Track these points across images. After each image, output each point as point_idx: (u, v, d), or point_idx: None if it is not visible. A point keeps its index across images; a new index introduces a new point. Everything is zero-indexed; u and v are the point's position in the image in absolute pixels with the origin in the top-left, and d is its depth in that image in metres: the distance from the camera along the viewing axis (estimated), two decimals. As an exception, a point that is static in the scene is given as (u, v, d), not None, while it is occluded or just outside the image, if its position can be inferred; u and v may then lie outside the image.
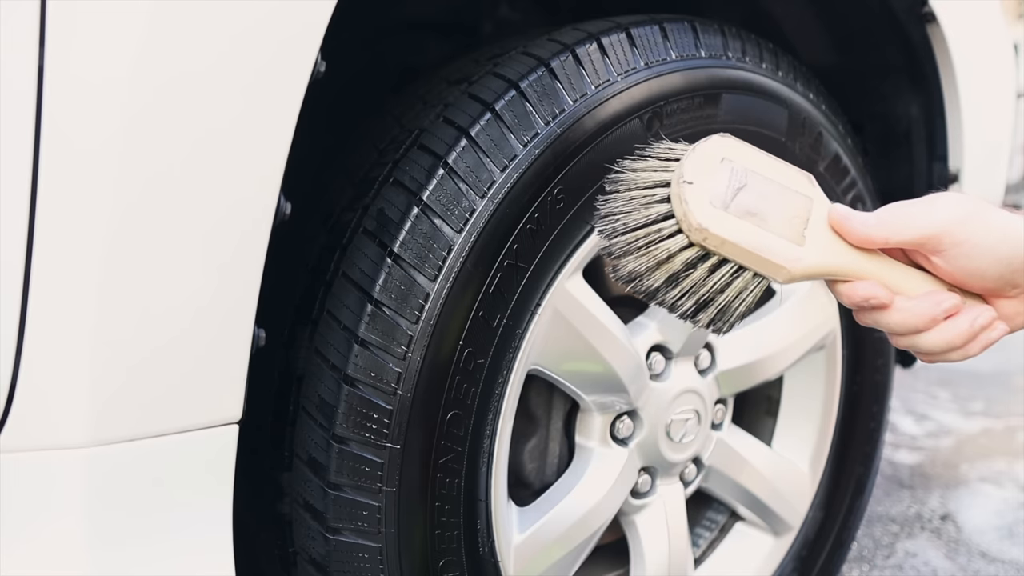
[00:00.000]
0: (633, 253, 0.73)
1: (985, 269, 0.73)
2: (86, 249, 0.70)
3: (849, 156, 1.25)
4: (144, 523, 0.78)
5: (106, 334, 0.72)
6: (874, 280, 0.74)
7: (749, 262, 0.73)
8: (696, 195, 0.71)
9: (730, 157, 0.74)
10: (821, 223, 0.75)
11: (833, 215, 0.75)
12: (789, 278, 0.74)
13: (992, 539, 1.89)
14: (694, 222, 0.71)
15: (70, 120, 0.68)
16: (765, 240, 0.72)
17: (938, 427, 2.55)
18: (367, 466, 0.90)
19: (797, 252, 0.73)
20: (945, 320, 0.74)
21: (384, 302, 0.89)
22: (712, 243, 0.72)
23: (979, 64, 1.45)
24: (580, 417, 1.13)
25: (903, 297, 0.74)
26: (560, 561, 1.08)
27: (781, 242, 0.73)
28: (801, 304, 1.27)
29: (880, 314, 0.75)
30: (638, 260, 0.73)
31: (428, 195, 0.91)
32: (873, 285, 0.74)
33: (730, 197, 0.72)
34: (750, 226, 0.72)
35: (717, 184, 0.72)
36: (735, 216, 0.72)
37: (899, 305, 0.74)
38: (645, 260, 0.73)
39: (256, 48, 0.75)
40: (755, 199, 0.73)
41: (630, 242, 0.73)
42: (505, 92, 0.95)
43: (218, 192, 0.75)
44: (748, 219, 0.72)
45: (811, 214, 0.75)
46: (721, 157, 0.73)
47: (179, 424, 0.78)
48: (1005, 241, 0.73)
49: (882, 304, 0.74)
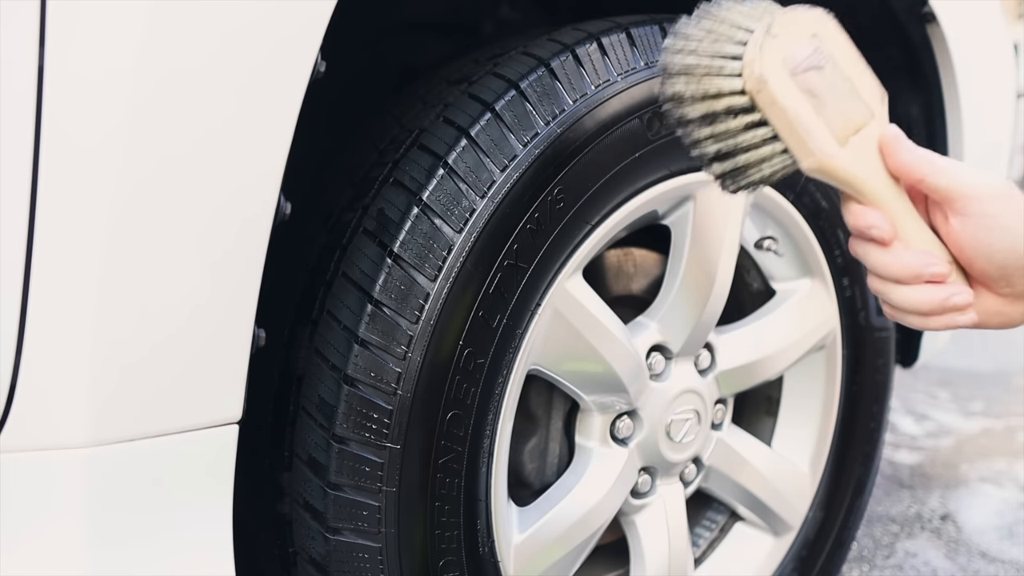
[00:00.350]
0: (687, 75, 0.73)
1: (995, 251, 0.73)
2: (86, 249, 0.70)
3: (849, 156, 1.25)
4: (144, 523, 0.78)
5: (106, 334, 0.72)
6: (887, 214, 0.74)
7: (787, 134, 0.72)
8: (773, 48, 0.71)
9: (822, 36, 0.73)
10: (870, 140, 0.74)
11: (887, 133, 0.74)
12: (815, 167, 0.73)
13: (992, 539, 1.89)
14: (757, 70, 0.70)
15: (70, 119, 0.68)
16: (811, 122, 0.72)
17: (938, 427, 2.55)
18: (367, 466, 0.90)
19: (833, 148, 0.73)
20: (925, 284, 0.74)
21: (384, 302, 0.89)
22: (763, 99, 0.71)
23: (979, 64, 1.45)
24: (580, 417, 1.13)
25: (900, 244, 0.74)
26: (560, 561, 1.08)
27: (824, 132, 0.72)
28: (801, 304, 1.27)
29: (873, 249, 0.75)
30: (688, 85, 0.73)
31: (428, 195, 0.91)
32: (882, 216, 0.74)
33: (802, 69, 0.72)
34: (805, 102, 0.72)
35: (798, 52, 0.72)
36: (797, 87, 0.72)
37: (894, 248, 0.74)
38: (695, 87, 0.72)
39: (256, 48, 0.75)
40: (823, 85, 0.73)
41: (690, 65, 0.73)
42: (505, 92, 0.95)
43: (218, 192, 0.75)
44: (807, 96, 0.72)
45: (866, 128, 0.74)
46: (814, 32, 0.73)
47: (179, 424, 0.78)
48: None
49: (881, 240, 0.74)
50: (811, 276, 1.27)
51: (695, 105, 0.73)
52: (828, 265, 1.27)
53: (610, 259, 1.19)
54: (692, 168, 1.07)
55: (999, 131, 1.57)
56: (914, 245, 0.75)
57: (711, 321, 1.16)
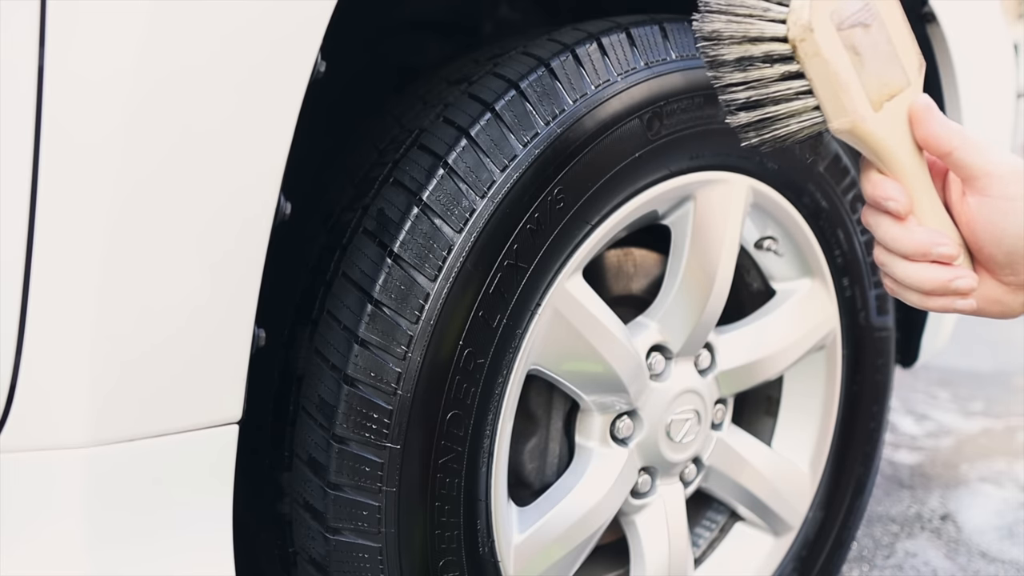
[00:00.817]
0: (728, 14, 0.71)
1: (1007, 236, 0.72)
2: (86, 249, 0.70)
3: (849, 156, 1.25)
4: (144, 523, 0.78)
5: (106, 334, 0.72)
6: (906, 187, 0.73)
7: (823, 90, 0.71)
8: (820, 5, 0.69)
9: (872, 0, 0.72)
10: (902, 109, 0.74)
11: (919, 102, 0.74)
12: (846, 128, 0.72)
13: (992, 539, 1.89)
14: (805, 17, 0.69)
15: (70, 118, 0.68)
16: (851, 80, 0.71)
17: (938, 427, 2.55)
18: (367, 466, 0.90)
19: (867, 111, 0.72)
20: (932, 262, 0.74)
21: (384, 302, 0.89)
22: (805, 49, 0.69)
23: (979, 64, 1.45)
24: (580, 417, 1.13)
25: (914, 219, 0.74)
26: (560, 561, 1.08)
27: (861, 92, 0.72)
28: (801, 304, 1.27)
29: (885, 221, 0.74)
30: (729, 24, 0.71)
31: (428, 195, 0.91)
32: (902, 190, 0.73)
33: (849, 24, 0.71)
34: (847, 58, 0.71)
35: (847, 4, 0.70)
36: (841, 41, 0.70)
37: (907, 223, 0.74)
38: (735, 27, 0.70)
39: (256, 48, 0.75)
40: (868, 44, 0.71)
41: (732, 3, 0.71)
42: (505, 92, 0.95)
43: (218, 192, 0.75)
44: (849, 52, 0.71)
45: (900, 95, 0.73)
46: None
47: (179, 424, 0.78)
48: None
49: (897, 213, 0.73)
50: (811, 276, 1.27)
51: (732, 47, 0.71)
52: (828, 265, 1.27)
53: (610, 259, 1.19)
54: (692, 168, 1.07)
55: (999, 131, 1.57)
56: (927, 222, 0.74)
57: (711, 321, 1.16)
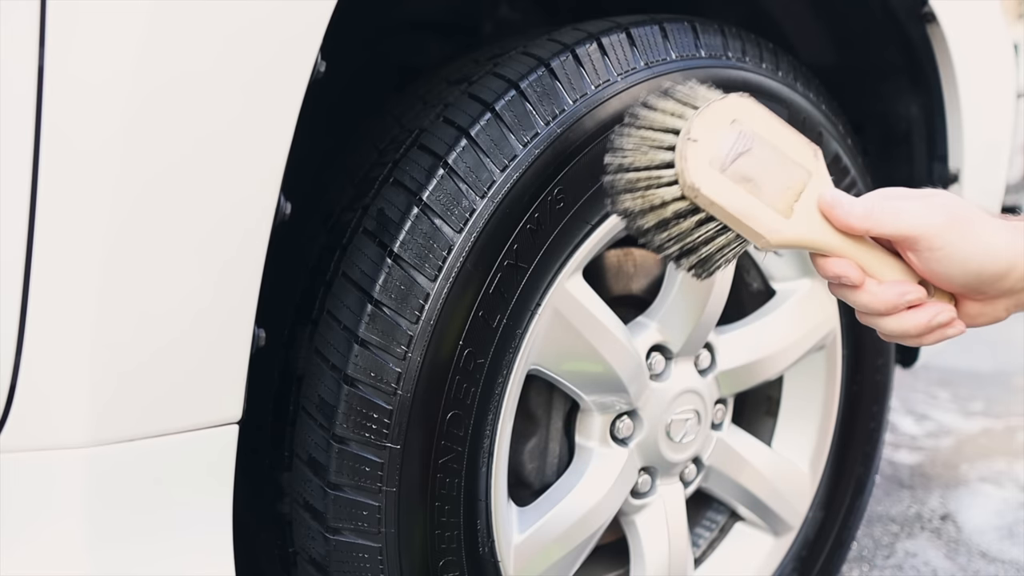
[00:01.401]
0: (631, 192, 0.76)
1: (954, 276, 0.76)
2: (86, 249, 0.70)
3: (849, 156, 1.25)
4: (144, 523, 0.78)
5: (106, 334, 0.72)
6: (850, 260, 0.77)
7: (733, 224, 0.75)
8: (697, 154, 0.73)
9: (741, 119, 0.75)
10: (813, 198, 0.77)
11: (823, 199, 0.77)
12: (767, 246, 0.76)
13: (992, 539, 1.89)
14: (688, 180, 0.73)
15: (70, 120, 0.68)
16: (751, 208, 0.75)
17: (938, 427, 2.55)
18: (367, 466, 0.90)
19: (779, 224, 0.76)
20: (907, 310, 0.78)
21: (384, 302, 0.89)
22: (702, 201, 0.74)
23: (979, 64, 1.45)
24: (580, 417, 1.13)
25: (873, 281, 0.77)
26: (560, 561, 1.08)
27: (767, 212, 0.75)
28: (801, 304, 1.27)
29: (849, 292, 0.78)
30: (635, 200, 0.76)
31: (428, 195, 0.91)
32: (847, 265, 0.77)
33: (730, 160, 0.74)
34: (741, 192, 0.74)
35: (721, 145, 0.74)
36: (730, 180, 0.74)
37: (868, 288, 0.77)
38: (641, 202, 0.75)
39: (256, 48, 0.75)
40: (754, 165, 0.75)
41: (631, 181, 0.76)
42: (505, 92, 0.95)
43: (218, 192, 0.75)
44: (742, 184, 0.75)
45: (806, 188, 0.77)
46: (732, 118, 0.75)
47: (179, 424, 0.78)
48: (979, 254, 0.75)
49: (853, 284, 0.77)
50: (811, 276, 1.27)
51: (647, 216, 0.76)
52: (828, 265, 1.26)
53: (610, 259, 1.19)
54: (692, 168, 1.07)
55: (999, 131, 1.57)
56: (886, 278, 0.78)
57: (711, 321, 1.16)
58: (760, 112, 0.77)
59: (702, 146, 0.74)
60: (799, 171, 0.77)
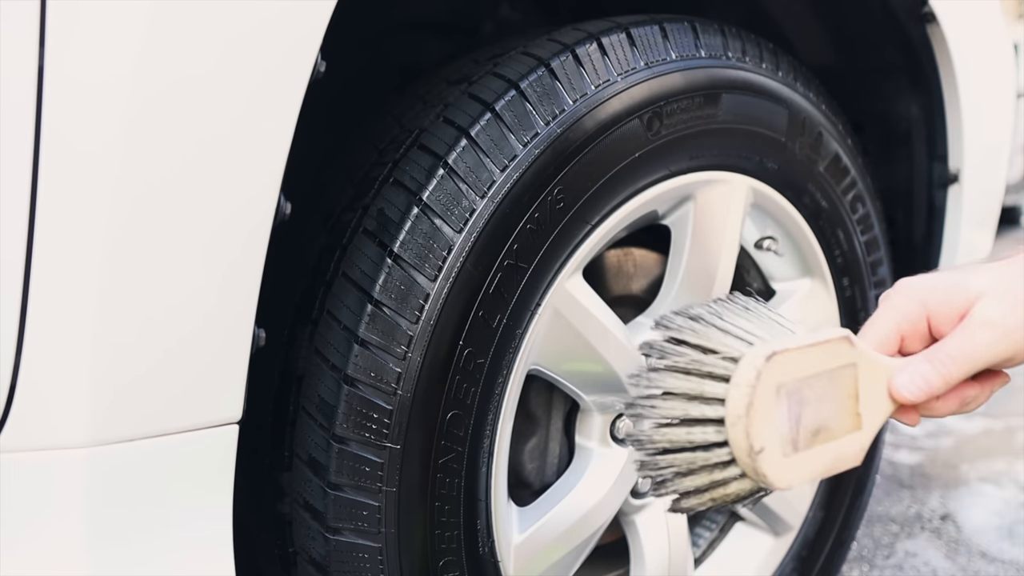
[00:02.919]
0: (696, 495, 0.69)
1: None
2: (86, 250, 0.70)
3: (849, 156, 1.25)
4: (144, 523, 0.78)
5: (106, 334, 0.72)
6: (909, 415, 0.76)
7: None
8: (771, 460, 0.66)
9: (782, 379, 0.67)
10: (870, 383, 0.72)
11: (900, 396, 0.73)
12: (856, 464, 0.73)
13: (992, 539, 1.89)
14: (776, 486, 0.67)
15: (70, 122, 0.68)
16: (836, 460, 0.70)
17: (938, 427, 2.55)
18: (367, 466, 0.90)
19: (860, 441, 0.71)
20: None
21: (384, 302, 0.89)
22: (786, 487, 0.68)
23: (979, 64, 1.45)
24: (580, 417, 1.13)
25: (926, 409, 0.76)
26: (560, 561, 1.08)
27: (845, 443, 0.70)
28: (801, 304, 1.27)
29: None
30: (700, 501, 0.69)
31: (428, 195, 0.91)
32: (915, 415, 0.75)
33: (796, 431, 0.68)
34: (820, 451, 0.69)
35: (781, 427, 0.67)
36: (806, 449, 0.68)
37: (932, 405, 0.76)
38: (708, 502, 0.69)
39: (256, 48, 0.75)
40: (815, 413, 0.69)
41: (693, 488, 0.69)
42: (505, 92, 0.95)
43: (217, 192, 0.75)
44: (816, 441, 0.69)
45: (859, 380, 0.72)
46: (775, 386, 0.67)
47: (179, 424, 0.78)
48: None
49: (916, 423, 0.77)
50: (811, 276, 1.27)
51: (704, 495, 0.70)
52: (828, 265, 1.27)
53: (610, 259, 1.19)
54: (692, 168, 1.07)
55: (999, 131, 1.57)
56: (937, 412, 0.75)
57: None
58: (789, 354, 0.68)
59: (769, 448, 0.66)
60: (846, 374, 0.71)
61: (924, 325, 0.76)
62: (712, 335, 0.69)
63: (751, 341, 0.69)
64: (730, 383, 0.66)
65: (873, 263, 1.32)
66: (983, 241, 1.60)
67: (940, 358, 0.73)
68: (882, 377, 0.73)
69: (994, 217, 1.63)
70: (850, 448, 0.71)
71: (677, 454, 0.68)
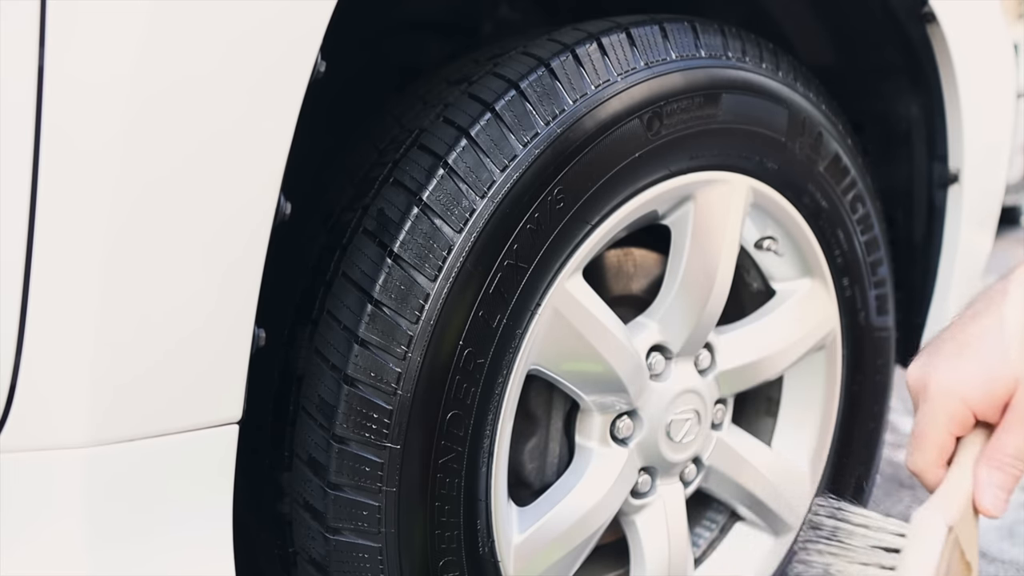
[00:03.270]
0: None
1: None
2: (86, 250, 0.70)
3: (849, 156, 1.25)
4: (144, 523, 0.78)
5: (106, 334, 0.72)
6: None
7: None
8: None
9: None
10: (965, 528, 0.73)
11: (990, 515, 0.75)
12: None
13: (992, 539, 1.89)
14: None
15: (70, 121, 0.68)
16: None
17: (938, 427, 2.55)
18: (367, 466, 0.90)
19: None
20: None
21: (384, 302, 0.89)
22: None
23: (979, 64, 1.45)
24: (580, 417, 1.13)
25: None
26: (560, 561, 1.08)
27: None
28: (801, 304, 1.27)
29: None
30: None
31: (428, 195, 0.91)
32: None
33: None
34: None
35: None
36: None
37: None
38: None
39: (256, 48, 0.75)
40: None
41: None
42: (505, 92, 0.95)
43: (218, 192, 0.75)
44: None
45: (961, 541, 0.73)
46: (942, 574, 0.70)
47: (179, 424, 0.78)
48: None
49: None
50: (811, 276, 1.27)
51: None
52: (828, 265, 1.27)
53: (610, 259, 1.19)
54: (692, 168, 1.07)
55: (999, 131, 1.57)
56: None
57: (711, 321, 1.16)
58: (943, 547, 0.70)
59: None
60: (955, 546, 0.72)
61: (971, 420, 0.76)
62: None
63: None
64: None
65: (873, 263, 1.32)
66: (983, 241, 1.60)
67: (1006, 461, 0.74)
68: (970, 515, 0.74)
69: (994, 217, 1.63)
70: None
71: None
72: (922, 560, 0.70)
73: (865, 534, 0.73)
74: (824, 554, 0.73)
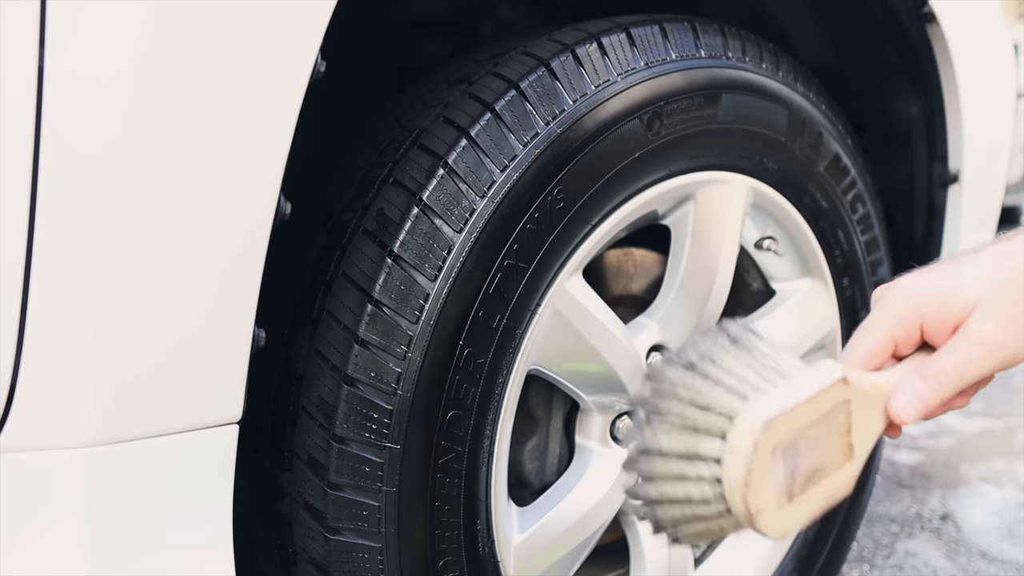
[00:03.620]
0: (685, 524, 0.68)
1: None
2: (86, 250, 0.70)
3: (849, 156, 1.25)
4: (144, 523, 0.78)
5: (106, 334, 0.72)
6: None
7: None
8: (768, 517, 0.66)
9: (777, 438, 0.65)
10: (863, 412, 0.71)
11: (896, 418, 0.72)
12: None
13: (992, 539, 1.89)
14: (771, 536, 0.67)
15: (70, 121, 0.68)
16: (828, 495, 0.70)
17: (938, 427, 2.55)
18: (367, 466, 0.90)
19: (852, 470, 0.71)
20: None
21: (384, 302, 0.89)
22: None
23: (979, 64, 1.45)
24: (580, 417, 1.13)
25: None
26: (560, 561, 1.08)
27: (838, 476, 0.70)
28: (801, 304, 1.27)
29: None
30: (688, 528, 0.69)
31: (428, 195, 0.91)
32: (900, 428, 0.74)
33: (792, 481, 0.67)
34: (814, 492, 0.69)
35: (778, 482, 0.66)
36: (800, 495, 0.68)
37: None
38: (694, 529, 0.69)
39: (256, 48, 0.75)
40: (809, 457, 0.68)
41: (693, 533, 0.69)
42: (505, 92, 0.95)
43: (218, 192, 0.75)
44: (810, 484, 0.68)
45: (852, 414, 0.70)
46: (772, 447, 0.65)
47: (179, 424, 0.78)
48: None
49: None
50: (811, 276, 1.27)
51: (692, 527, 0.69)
52: (828, 265, 1.27)
53: (610, 259, 1.19)
54: (692, 168, 1.07)
55: (999, 131, 1.57)
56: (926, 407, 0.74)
57: (711, 321, 1.16)
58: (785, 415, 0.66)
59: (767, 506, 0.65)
60: (842, 412, 0.70)
61: (918, 331, 0.75)
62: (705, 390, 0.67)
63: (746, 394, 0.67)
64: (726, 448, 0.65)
65: (873, 263, 1.32)
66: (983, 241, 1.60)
67: (935, 376, 0.72)
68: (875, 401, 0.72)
69: (994, 217, 1.63)
70: (843, 479, 0.71)
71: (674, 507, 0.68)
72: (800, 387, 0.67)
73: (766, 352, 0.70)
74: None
